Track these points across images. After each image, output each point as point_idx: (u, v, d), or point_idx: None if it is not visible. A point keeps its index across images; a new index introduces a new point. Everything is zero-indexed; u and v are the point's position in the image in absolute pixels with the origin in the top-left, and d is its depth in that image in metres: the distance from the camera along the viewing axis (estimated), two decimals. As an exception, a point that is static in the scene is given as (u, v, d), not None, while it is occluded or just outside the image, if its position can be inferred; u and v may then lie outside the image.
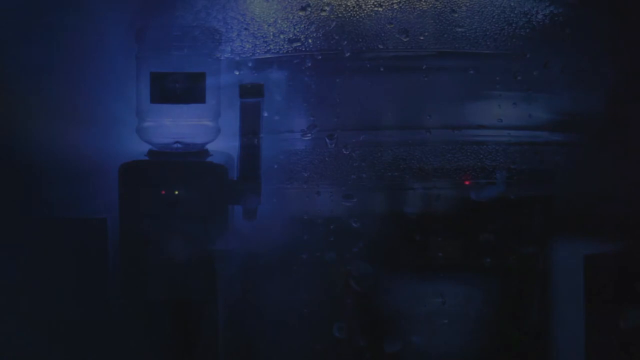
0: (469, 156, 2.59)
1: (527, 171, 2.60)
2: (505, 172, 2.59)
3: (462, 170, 2.59)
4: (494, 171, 2.59)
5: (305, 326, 2.61)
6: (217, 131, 2.45)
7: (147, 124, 2.43)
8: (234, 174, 2.43)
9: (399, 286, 2.60)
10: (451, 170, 2.60)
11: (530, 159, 2.59)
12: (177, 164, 2.37)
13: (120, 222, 2.36)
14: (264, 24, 2.56)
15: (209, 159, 2.40)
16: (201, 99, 2.39)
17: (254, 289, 2.61)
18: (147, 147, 2.43)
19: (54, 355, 2.54)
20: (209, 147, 2.45)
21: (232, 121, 2.43)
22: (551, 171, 2.58)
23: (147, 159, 2.40)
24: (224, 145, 2.47)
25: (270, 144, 2.49)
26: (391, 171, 2.61)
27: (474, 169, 2.59)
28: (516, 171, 2.60)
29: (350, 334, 2.62)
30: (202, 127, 2.43)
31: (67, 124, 2.55)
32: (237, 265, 2.54)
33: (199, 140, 2.43)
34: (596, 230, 2.55)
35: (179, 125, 2.42)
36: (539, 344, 2.59)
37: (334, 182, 2.60)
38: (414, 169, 2.60)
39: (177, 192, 2.33)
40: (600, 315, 2.50)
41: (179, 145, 2.42)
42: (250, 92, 2.40)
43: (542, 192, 2.58)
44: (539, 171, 2.60)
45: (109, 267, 2.52)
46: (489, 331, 2.60)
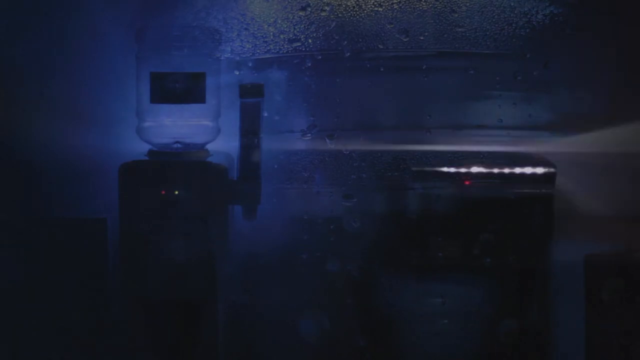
0: (469, 156, 2.60)
1: (527, 171, 2.60)
2: (505, 172, 2.59)
3: (462, 170, 2.59)
4: (494, 171, 2.59)
5: (305, 326, 2.61)
6: (217, 131, 2.45)
7: (147, 124, 2.43)
8: (234, 174, 2.43)
9: (398, 285, 2.60)
10: (451, 170, 2.60)
11: (530, 158, 2.60)
12: (177, 164, 2.37)
13: (120, 222, 2.36)
14: (264, 24, 2.56)
15: (209, 159, 2.39)
16: (201, 99, 2.39)
17: (254, 289, 2.61)
18: (147, 147, 2.43)
19: (54, 354, 2.54)
20: (209, 147, 2.45)
21: (232, 121, 2.43)
22: (551, 171, 2.58)
23: (147, 159, 2.40)
24: (224, 145, 2.48)
25: (270, 144, 2.49)
26: (391, 171, 2.61)
27: (474, 169, 2.59)
28: (516, 171, 2.60)
29: (349, 333, 2.62)
30: (202, 127, 2.43)
31: (67, 124, 2.55)
32: (237, 265, 2.54)
33: (199, 140, 2.43)
34: (596, 230, 2.55)
35: (179, 125, 2.41)
36: (539, 344, 2.59)
37: (334, 182, 2.60)
38: (414, 169, 2.60)
39: (177, 192, 2.33)
40: (600, 315, 2.50)
41: (179, 145, 2.42)
42: (250, 92, 2.40)
43: (542, 192, 2.57)
44: (539, 171, 2.59)
45: (109, 267, 2.52)
46: (488, 331, 2.60)
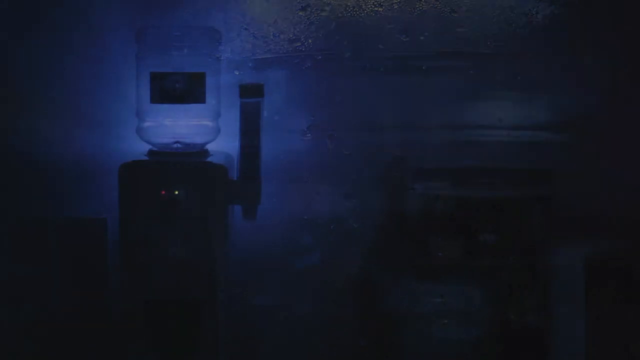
0: (469, 156, 2.60)
1: (527, 171, 2.60)
2: (504, 172, 2.59)
3: (462, 170, 2.59)
4: (494, 171, 2.59)
5: (305, 326, 2.62)
6: (217, 131, 2.45)
7: (147, 124, 2.43)
8: (234, 174, 2.43)
9: (398, 285, 2.60)
10: (451, 170, 2.60)
11: (530, 159, 2.60)
12: (177, 164, 2.36)
13: (120, 222, 2.36)
14: (264, 24, 2.56)
15: (209, 159, 2.39)
16: (201, 99, 2.39)
17: (253, 289, 2.61)
18: (147, 147, 2.43)
19: (54, 353, 2.54)
20: (209, 147, 2.45)
21: (232, 121, 2.43)
22: (551, 171, 2.58)
23: (147, 159, 2.40)
24: (224, 145, 2.47)
25: (270, 144, 2.49)
26: (391, 171, 2.61)
27: (474, 169, 2.59)
28: (516, 171, 2.60)
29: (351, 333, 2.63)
30: (202, 127, 2.43)
31: (68, 124, 2.55)
32: (237, 265, 2.54)
33: (199, 140, 2.43)
34: (596, 230, 2.55)
35: (179, 125, 2.41)
36: (539, 344, 2.59)
37: (334, 182, 2.60)
38: (414, 169, 2.60)
39: (177, 192, 2.33)
40: (600, 315, 2.50)
41: (179, 145, 2.42)
42: (250, 92, 2.39)
43: (542, 192, 2.57)
44: (539, 171, 2.60)
45: (108, 267, 2.52)
46: (488, 331, 2.60)
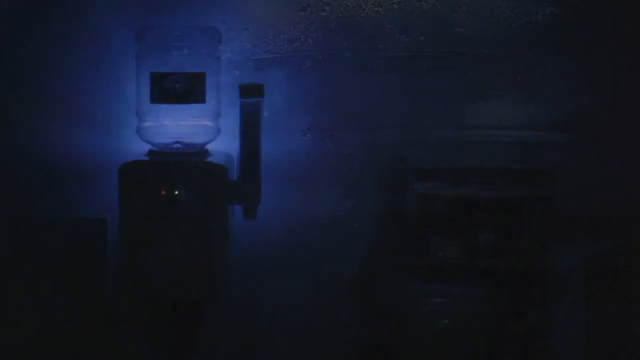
0: (469, 156, 2.59)
1: (527, 171, 2.60)
2: (504, 172, 2.59)
3: (462, 170, 2.59)
4: (494, 171, 2.59)
5: (305, 326, 2.61)
6: (217, 131, 2.45)
7: (147, 124, 2.43)
8: (234, 174, 2.43)
9: (398, 285, 2.60)
10: (451, 170, 2.60)
11: (530, 159, 2.59)
12: (177, 164, 2.36)
13: (120, 222, 2.35)
14: (264, 24, 2.56)
15: (209, 159, 2.39)
16: (201, 99, 2.39)
17: (253, 289, 2.61)
18: (147, 147, 2.43)
19: (54, 353, 2.54)
20: (209, 147, 2.45)
21: (232, 121, 2.43)
22: (551, 171, 2.58)
23: (147, 159, 2.40)
24: (224, 145, 2.47)
25: (270, 144, 2.49)
26: (391, 171, 2.61)
27: (474, 169, 2.59)
28: (516, 171, 2.60)
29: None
30: (202, 127, 2.43)
31: (68, 124, 2.55)
32: (237, 265, 2.54)
33: (199, 140, 2.43)
34: (596, 230, 2.55)
35: (179, 125, 2.41)
36: (539, 344, 2.59)
37: (334, 182, 2.60)
38: (414, 169, 2.60)
39: (177, 192, 2.33)
40: (600, 315, 2.50)
41: (179, 145, 2.42)
42: (250, 92, 2.39)
43: (542, 192, 2.57)
44: (539, 171, 2.59)
45: (108, 267, 2.52)
46: (488, 331, 2.60)
